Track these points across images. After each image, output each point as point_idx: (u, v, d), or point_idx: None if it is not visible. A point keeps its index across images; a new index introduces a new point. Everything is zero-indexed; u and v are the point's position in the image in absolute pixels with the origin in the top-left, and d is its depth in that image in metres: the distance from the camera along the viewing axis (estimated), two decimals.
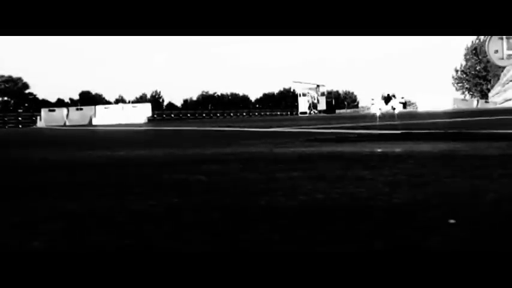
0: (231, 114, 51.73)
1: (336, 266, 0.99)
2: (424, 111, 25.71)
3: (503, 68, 40.49)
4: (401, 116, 17.49)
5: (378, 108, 60.29)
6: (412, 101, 64.39)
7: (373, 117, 17.16)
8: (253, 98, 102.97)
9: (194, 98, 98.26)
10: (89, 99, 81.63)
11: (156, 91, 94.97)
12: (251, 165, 2.72)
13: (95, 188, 2.15)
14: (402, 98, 64.63)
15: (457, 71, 76.85)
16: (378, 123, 10.20)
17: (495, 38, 16.77)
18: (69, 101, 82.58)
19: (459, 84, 76.75)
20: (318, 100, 49.58)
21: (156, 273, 0.99)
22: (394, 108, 59.06)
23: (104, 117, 32.11)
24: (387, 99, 65.10)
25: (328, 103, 50.40)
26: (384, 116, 17.41)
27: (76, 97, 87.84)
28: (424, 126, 7.59)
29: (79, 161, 3.69)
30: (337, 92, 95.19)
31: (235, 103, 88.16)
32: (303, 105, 49.30)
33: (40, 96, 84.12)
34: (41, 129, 22.83)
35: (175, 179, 2.32)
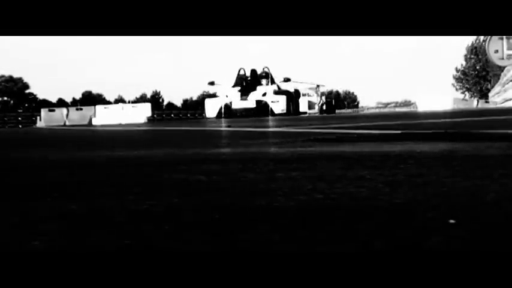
0: None
1: (336, 266, 0.99)
2: (424, 111, 25.63)
3: (503, 68, 40.46)
4: (278, 122, 9.60)
5: (218, 104, 28.92)
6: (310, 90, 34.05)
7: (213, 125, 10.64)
8: None
9: (194, 98, 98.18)
10: (89, 99, 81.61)
11: (156, 91, 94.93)
12: (251, 165, 2.72)
13: (94, 187, 2.15)
14: (286, 80, 30.69)
15: (457, 70, 76.80)
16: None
17: (495, 38, 16.80)
18: (70, 101, 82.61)
19: (459, 84, 76.70)
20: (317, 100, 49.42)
21: (156, 273, 0.99)
22: (265, 105, 28.12)
23: (103, 117, 32.09)
24: (251, 82, 29.99)
25: (328, 103, 50.19)
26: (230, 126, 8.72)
27: (77, 97, 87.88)
28: (424, 126, 7.59)
29: (79, 160, 3.69)
30: (337, 92, 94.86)
31: None
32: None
33: (40, 96, 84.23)
34: (40, 129, 22.83)
35: (175, 179, 2.32)
